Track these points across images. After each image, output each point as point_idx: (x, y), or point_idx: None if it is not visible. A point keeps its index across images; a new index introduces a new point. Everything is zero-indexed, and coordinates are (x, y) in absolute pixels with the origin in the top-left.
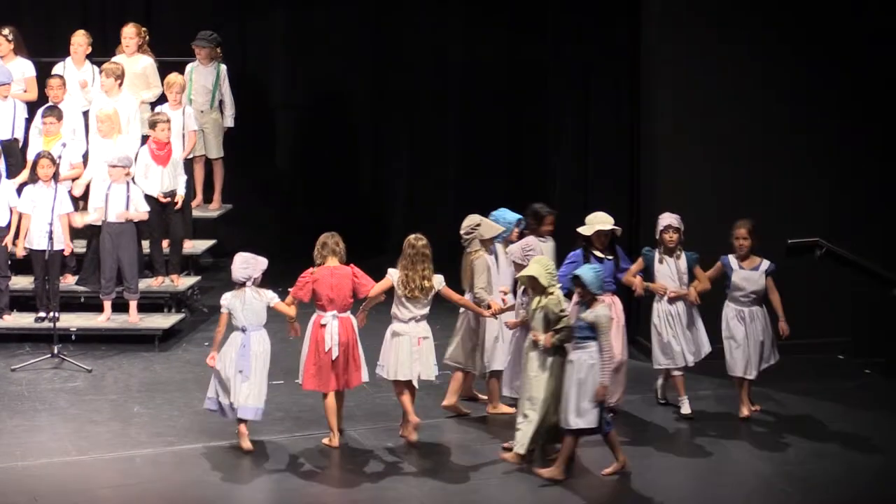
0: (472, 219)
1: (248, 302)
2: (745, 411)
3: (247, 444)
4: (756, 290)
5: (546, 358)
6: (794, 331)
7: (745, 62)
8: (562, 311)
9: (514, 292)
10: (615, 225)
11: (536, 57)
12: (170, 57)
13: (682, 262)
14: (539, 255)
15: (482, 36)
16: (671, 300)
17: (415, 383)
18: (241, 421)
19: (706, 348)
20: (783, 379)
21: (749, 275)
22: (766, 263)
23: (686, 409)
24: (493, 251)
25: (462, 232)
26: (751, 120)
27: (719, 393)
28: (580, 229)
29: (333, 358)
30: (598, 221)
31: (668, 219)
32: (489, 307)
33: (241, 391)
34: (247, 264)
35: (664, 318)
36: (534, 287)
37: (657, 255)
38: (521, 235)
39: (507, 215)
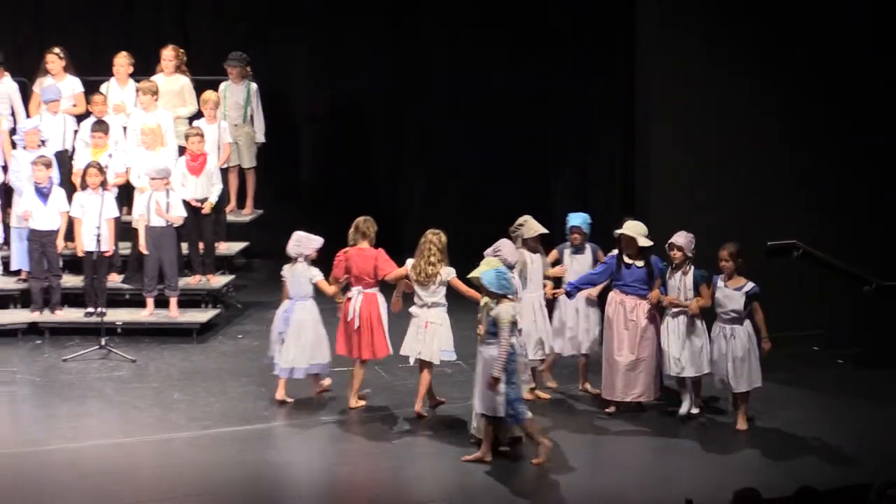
0: (521, 218)
1: (296, 275)
2: (740, 424)
3: (280, 395)
4: (735, 309)
5: None
6: (774, 324)
7: (735, 77)
8: (512, 318)
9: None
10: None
11: (541, 70)
12: (204, 76)
13: (689, 278)
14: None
15: (492, 52)
16: (674, 313)
17: (411, 362)
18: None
19: (705, 367)
20: (773, 366)
21: (731, 293)
22: (749, 285)
23: (683, 408)
24: (538, 250)
25: (510, 229)
26: (741, 132)
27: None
28: (616, 231)
29: (355, 327)
30: (627, 228)
31: (674, 237)
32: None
33: (282, 352)
34: (298, 242)
35: (669, 329)
36: (480, 288)
37: (669, 271)
38: (582, 239)
39: (569, 220)
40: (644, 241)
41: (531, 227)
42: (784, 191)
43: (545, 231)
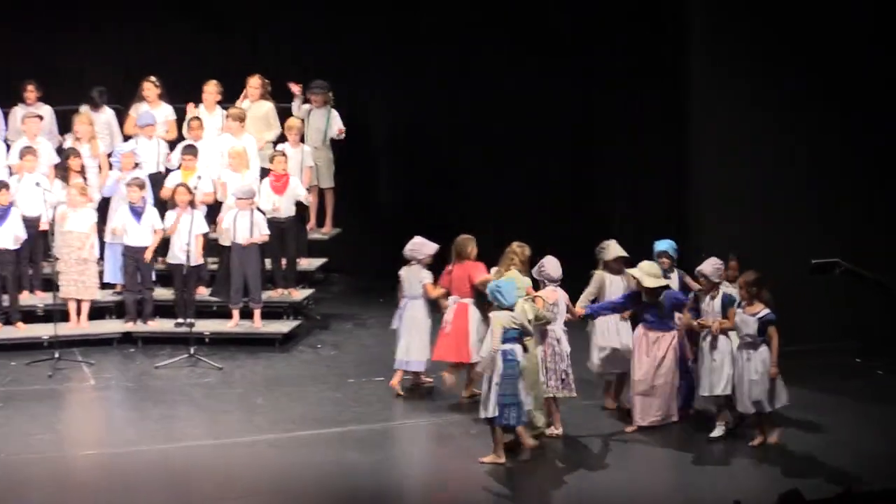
0: (605, 241)
1: (410, 276)
2: (755, 441)
3: (394, 383)
4: (750, 334)
5: None
6: (817, 336)
7: (781, 101)
8: (504, 325)
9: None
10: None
11: (594, 96)
12: (287, 103)
13: (717, 302)
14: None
15: (550, 83)
16: (703, 335)
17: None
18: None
19: (717, 388)
20: (807, 377)
21: (746, 319)
22: (764, 312)
23: (714, 432)
24: (621, 272)
25: (596, 249)
26: (788, 154)
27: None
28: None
29: (446, 332)
30: (638, 268)
31: (702, 265)
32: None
33: (398, 346)
34: (414, 246)
35: (701, 351)
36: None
37: (701, 295)
38: (669, 264)
39: (657, 246)
40: (650, 282)
41: (613, 250)
42: (827, 210)
43: (625, 255)
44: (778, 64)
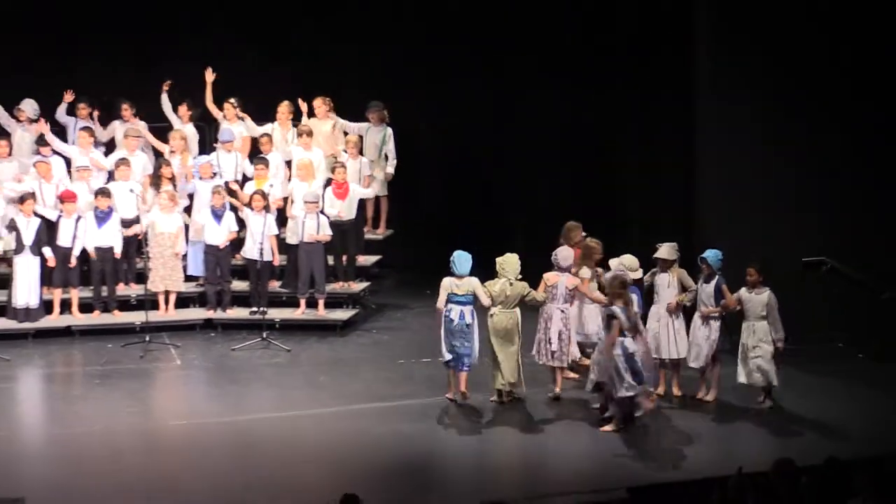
0: (664, 243)
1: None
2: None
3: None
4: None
5: None
6: (805, 328)
7: (781, 111)
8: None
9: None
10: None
11: (611, 115)
12: (349, 120)
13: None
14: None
15: (572, 102)
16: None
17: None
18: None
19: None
20: (797, 362)
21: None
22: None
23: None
24: (665, 270)
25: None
26: (786, 167)
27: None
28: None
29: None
30: (616, 260)
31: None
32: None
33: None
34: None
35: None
36: None
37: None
38: (708, 271)
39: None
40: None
41: (662, 250)
42: (822, 213)
43: (666, 257)
44: (778, 77)
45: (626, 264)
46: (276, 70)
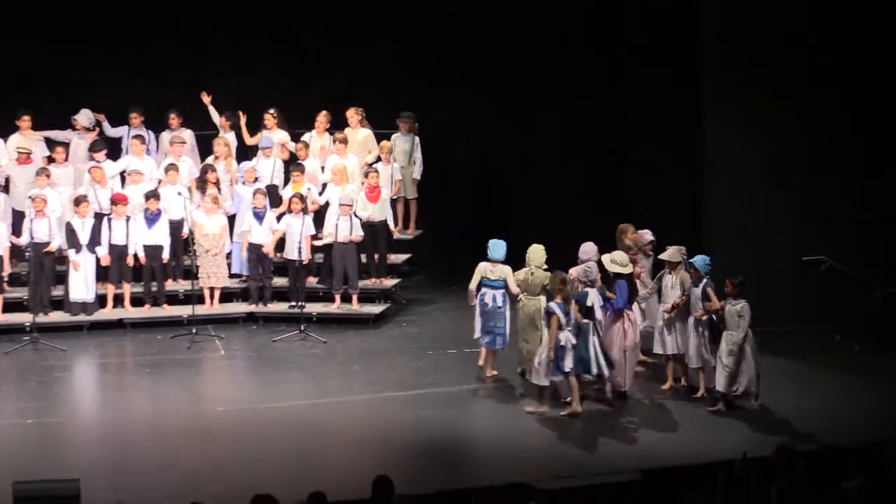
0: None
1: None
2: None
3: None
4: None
5: None
6: (806, 320)
7: (781, 121)
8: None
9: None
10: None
11: (621, 123)
12: (381, 129)
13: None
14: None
15: (590, 116)
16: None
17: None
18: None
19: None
20: (796, 352)
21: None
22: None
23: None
24: (670, 272)
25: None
26: (786, 167)
27: None
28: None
29: None
30: (607, 256)
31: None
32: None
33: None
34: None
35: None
36: None
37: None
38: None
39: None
40: (612, 268)
41: (667, 253)
42: (821, 216)
43: (670, 259)
44: (780, 87)
45: (616, 260)
46: (311, 82)
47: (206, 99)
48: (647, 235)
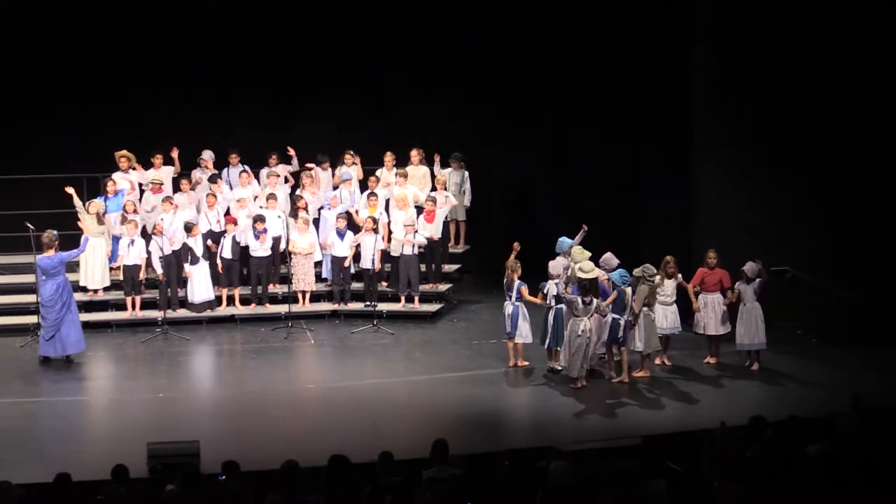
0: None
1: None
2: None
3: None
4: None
5: None
6: (776, 321)
7: (763, 149)
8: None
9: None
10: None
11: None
12: (433, 164)
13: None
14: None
15: (607, 141)
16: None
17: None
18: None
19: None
20: (769, 346)
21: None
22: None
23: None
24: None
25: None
26: (768, 188)
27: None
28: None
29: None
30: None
31: (744, 266)
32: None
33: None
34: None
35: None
36: None
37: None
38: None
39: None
40: (582, 274)
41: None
42: (794, 231)
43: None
44: (767, 126)
45: (584, 268)
46: (380, 123)
47: (174, 153)
48: (612, 261)
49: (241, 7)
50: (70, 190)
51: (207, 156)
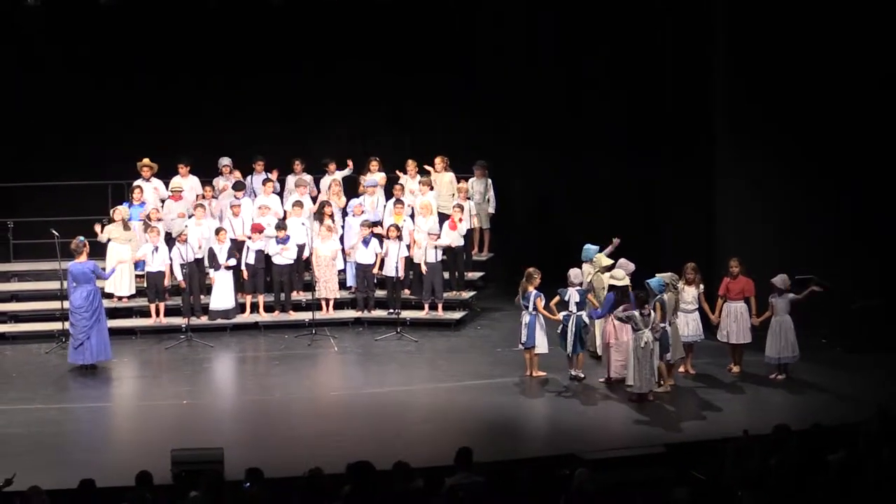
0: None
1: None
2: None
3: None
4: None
5: None
6: (801, 328)
7: (782, 162)
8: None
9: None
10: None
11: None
12: (461, 173)
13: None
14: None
15: (626, 159)
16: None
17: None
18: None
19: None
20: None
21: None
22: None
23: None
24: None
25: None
26: (787, 199)
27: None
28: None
29: None
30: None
31: (774, 279)
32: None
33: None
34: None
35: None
36: None
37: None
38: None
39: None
40: (613, 282)
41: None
42: (819, 242)
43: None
44: (785, 139)
45: (615, 276)
46: (403, 134)
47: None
48: (628, 265)
49: (262, 24)
50: (98, 228)
51: (226, 162)
